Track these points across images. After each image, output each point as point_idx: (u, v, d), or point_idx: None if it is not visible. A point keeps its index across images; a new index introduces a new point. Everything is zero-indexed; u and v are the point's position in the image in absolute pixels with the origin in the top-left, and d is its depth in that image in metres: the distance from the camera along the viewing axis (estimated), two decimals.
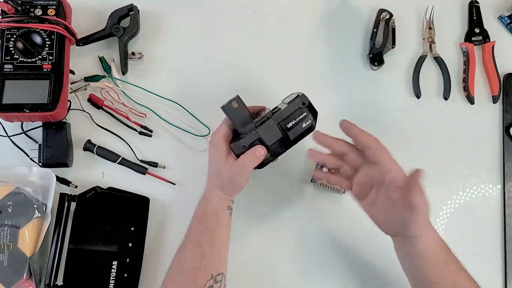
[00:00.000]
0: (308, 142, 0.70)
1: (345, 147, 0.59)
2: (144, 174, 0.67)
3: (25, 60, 0.61)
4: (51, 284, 0.61)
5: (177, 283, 0.56)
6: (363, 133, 0.56)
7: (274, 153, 0.58)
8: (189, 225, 0.60)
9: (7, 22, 0.61)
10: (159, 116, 0.69)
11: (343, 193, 0.68)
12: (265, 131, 0.56)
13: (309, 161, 0.67)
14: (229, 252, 0.61)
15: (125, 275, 0.63)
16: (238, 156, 0.58)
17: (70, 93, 0.67)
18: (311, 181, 0.69)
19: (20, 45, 0.61)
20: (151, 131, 0.68)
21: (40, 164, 0.64)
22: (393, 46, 0.73)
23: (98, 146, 0.66)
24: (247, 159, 0.56)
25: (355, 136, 0.57)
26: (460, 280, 0.55)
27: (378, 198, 0.56)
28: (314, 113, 0.57)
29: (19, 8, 0.62)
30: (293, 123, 0.56)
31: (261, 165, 0.58)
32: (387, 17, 0.72)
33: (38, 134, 0.65)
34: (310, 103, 0.57)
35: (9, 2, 0.61)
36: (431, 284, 0.55)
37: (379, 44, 0.72)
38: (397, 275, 0.67)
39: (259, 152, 0.56)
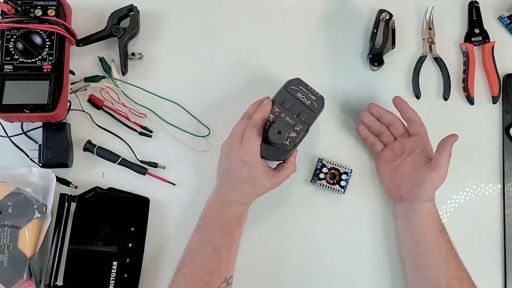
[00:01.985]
0: (308, 138, 0.70)
1: (394, 118, 0.67)
2: (144, 174, 0.67)
3: (25, 60, 0.61)
4: (51, 285, 0.61)
5: (191, 285, 0.56)
6: (412, 109, 0.65)
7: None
8: (205, 227, 0.60)
9: (7, 22, 0.61)
10: (159, 117, 0.69)
11: (343, 193, 0.68)
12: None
13: (362, 119, 0.69)
14: None
15: (125, 275, 0.63)
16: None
17: (70, 93, 0.67)
18: (311, 181, 0.69)
19: (20, 45, 0.61)
20: (151, 131, 0.68)
21: (40, 164, 0.64)
22: (393, 46, 0.73)
23: (98, 147, 0.66)
24: (291, 165, 0.61)
25: (405, 111, 0.65)
26: (451, 248, 0.62)
27: (402, 164, 0.65)
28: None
29: (19, 9, 0.61)
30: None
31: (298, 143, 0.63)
32: (387, 17, 0.72)
33: (38, 134, 0.65)
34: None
35: (9, 2, 0.61)
36: (427, 249, 0.61)
37: (379, 44, 0.72)
38: (397, 274, 0.68)
39: (295, 156, 0.62)
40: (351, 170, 0.68)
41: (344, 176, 0.68)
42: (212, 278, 0.56)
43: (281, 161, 0.62)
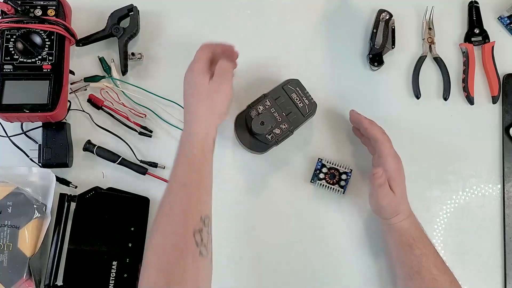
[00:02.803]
0: (307, 138, 0.70)
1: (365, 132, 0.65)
2: (144, 174, 0.67)
3: (25, 60, 0.61)
4: (51, 284, 0.61)
5: (167, 227, 0.52)
6: (371, 126, 0.63)
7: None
8: (174, 167, 0.56)
9: (7, 22, 0.61)
10: (159, 117, 0.69)
11: (343, 193, 0.68)
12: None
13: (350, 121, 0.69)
14: (228, 246, 0.62)
15: (125, 275, 0.63)
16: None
17: (70, 93, 0.67)
18: (311, 181, 0.69)
19: (20, 45, 0.61)
20: (151, 131, 0.68)
21: (40, 164, 0.64)
22: (393, 46, 0.73)
23: (98, 147, 0.66)
24: (225, 63, 0.59)
25: (364, 130, 0.64)
26: (425, 261, 0.60)
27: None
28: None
29: (19, 9, 0.62)
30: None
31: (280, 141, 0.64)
32: (387, 17, 0.72)
33: (38, 134, 0.65)
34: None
35: (9, 2, 0.61)
36: (398, 262, 0.62)
37: (379, 44, 0.72)
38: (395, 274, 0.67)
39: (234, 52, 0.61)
40: (351, 170, 0.68)
41: (344, 176, 0.68)
42: (186, 217, 0.52)
43: None
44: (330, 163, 0.68)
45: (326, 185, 0.68)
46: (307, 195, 0.69)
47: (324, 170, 0.68)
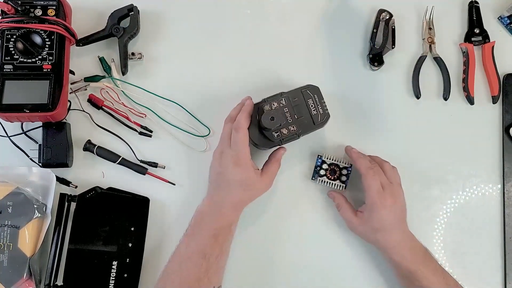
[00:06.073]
0: (308, 137, 0.70)
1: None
2: (144, 174, 0.67)
3: (25, 60, 0.61)
4: (51, 284, 0.61)
5: None
6: (358, 159, 0.64)
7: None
8: (194, 235, 0.59)
9: (7, 22, 0.61)
10: (159, 117, 0.69)
11: (345, 188, 0.68)
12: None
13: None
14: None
15: (125, 275, 0.63)
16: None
17: (70, 93, 0.67)
18: (311, 179, 0.69)
19: (20, 45, 0.61)
20: (151, 131, 0.68)
21: (40, 164, 0.64)
22: (393, 46, 0.73)
23: (98, 146, 0.66)
24: (275, 161, 0.63)
25: (353, 162, 0.66)
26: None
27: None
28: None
29: (19, 9, 0.61)
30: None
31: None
32: (387, 17, 0.72)
33: (38, 134, 0.65)
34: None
35: (9, 2, 0.61)
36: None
37: (379, 44, 0.72)
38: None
39: (280, 155, 0.64)
40: (351, 165, 0.68)
41: (344, 171, 0.68)
42: (200, 286, 0.56)
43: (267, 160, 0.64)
44: (330, 159, 0.68)
45: (327, 182, 0.68)
46: (309, 193, 0.69)
47: (325, 166, 0.68)
